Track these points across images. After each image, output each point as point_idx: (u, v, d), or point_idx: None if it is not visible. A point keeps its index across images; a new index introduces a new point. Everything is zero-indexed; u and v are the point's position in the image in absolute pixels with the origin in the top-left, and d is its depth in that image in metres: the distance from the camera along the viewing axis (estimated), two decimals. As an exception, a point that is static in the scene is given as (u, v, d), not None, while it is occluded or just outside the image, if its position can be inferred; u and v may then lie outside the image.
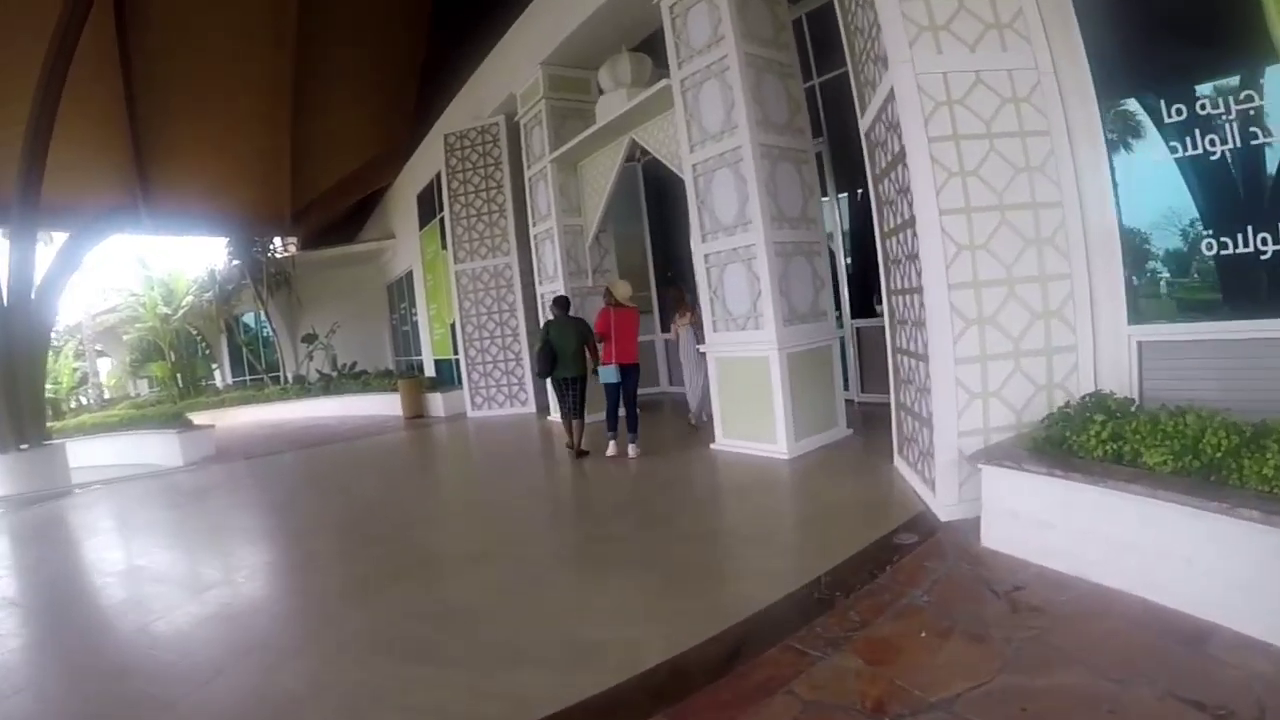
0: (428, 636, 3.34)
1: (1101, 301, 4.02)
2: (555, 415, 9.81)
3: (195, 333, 21.40)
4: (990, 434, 4.03)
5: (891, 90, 4.24)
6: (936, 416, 4.08)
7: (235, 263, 19.57)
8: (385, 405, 13.90)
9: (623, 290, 7.07)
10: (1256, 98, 3.27)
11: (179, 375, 19.74)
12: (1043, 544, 3.33)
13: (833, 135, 8.09)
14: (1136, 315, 3.91)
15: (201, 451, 10.88)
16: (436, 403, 12.71)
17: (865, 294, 8.10)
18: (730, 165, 6.23)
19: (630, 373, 6.89)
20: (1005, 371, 4.03)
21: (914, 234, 4.22)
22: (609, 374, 6.82)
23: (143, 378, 22.21)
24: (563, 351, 6.92)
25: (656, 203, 11.36)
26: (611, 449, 6.94)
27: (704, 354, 6.91)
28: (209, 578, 4.71)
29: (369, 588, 4.15)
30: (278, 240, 20.59)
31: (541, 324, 8.09)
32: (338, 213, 20.17)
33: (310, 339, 18.55)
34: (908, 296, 4.68)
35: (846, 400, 7.04)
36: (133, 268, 20.45)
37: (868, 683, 2.50)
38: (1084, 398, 3.76)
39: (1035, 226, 4.04)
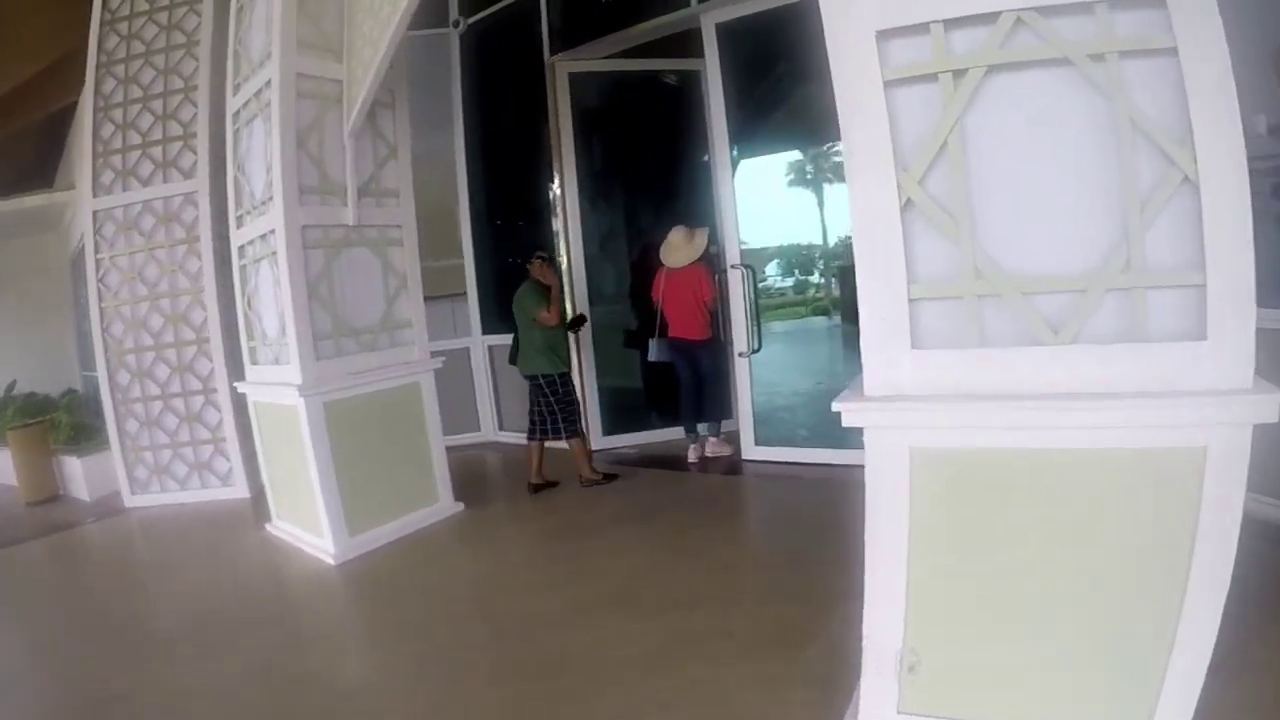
0: None
1: None
2: (277, 520, 4.44)
3: None
4: None
5: None
6: None
7: None
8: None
9: (670, 244, 5.08)
10: None
11: None
12: None
13: None
14: None
15: None
16: (76, 474, 6.56)
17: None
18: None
19: (695, 351, 5.13)
20: None
21: None
22: (654, 351, 5.16)
23: None
24: (520, 332, 4.80)
25: (484, 103, 6.19)
26: (691, 453, 5.24)
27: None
28: None
29: None
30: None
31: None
32: (14, 147, 13.05)
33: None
34: None
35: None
36: None
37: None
38: None
39: None
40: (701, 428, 5.29)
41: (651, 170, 6.32)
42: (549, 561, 3.68)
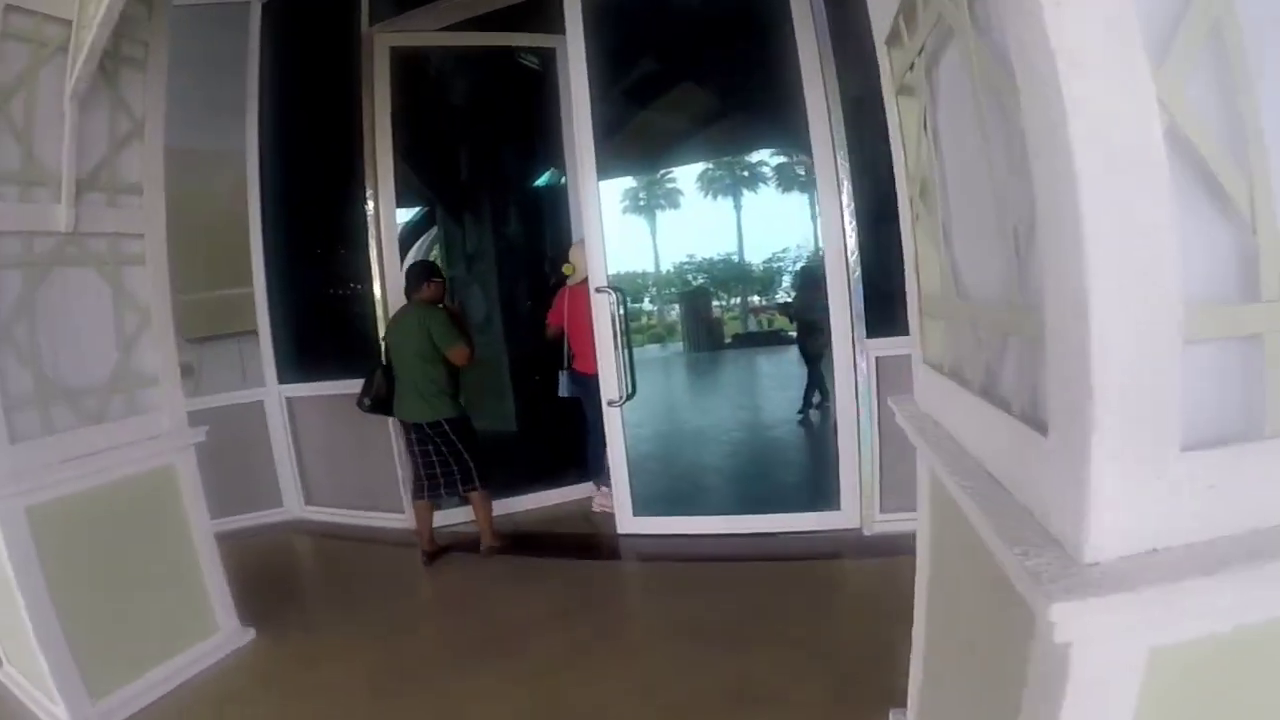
0: None
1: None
2: (8, 666, 2.97)
3: None
4: None
5: None
6: None
7: None
8: None
9: (573, 260, 4.42)
10: None
11: None
12: None
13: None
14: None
15: None
16: None
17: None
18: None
19: (590, 385, 4.26)
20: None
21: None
22: (563, 385, 4.53)
23: None
24: (400, 367, 3.82)
25: (286, 90, 4.70)
26: (596, 501, 4.56)
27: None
28: None
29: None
30: None
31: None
32: None
33: None
34: None
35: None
36: None
37: None
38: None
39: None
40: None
41: (508, 176, 5.34)
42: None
